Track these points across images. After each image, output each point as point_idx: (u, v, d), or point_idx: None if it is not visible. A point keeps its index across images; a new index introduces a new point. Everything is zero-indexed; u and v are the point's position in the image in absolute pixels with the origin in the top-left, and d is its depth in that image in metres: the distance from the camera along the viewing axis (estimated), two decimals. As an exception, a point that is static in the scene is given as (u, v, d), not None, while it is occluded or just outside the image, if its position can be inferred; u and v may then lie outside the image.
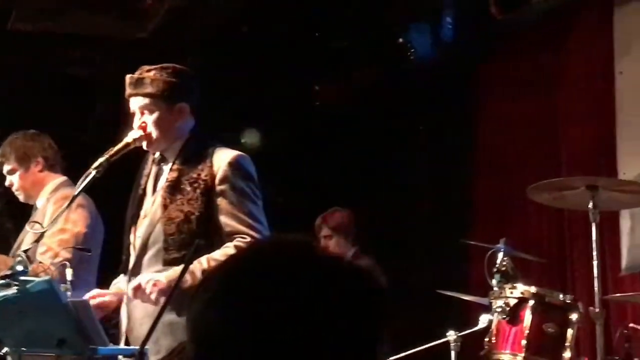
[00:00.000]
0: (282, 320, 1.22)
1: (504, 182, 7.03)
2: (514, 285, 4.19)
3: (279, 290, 1.24)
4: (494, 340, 4.11)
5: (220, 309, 1.24)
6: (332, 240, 5.86)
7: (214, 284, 1.28)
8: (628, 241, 6.15)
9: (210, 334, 1.23)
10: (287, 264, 1.27)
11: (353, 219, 5.98)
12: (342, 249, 5.86)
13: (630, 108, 6.29)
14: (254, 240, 3.13)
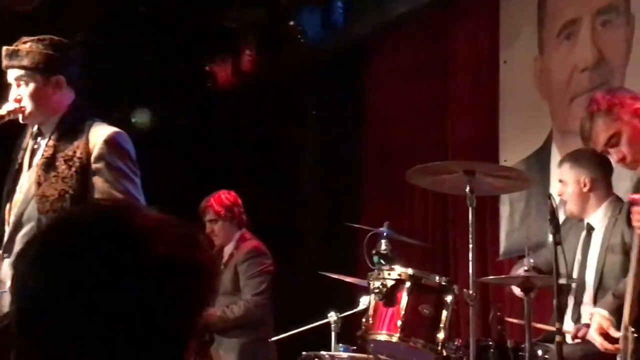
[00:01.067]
0: (90, 284, 1.22)
1: (391, 167, 7.13)
2: (391, 267, 4.24)
3: (89, 253, 1.24)
4: (370, 320, 4.15)
5: (38, 271, 1.24)
6: (218, 223, 5.80)
7: (37, 243, 1.28)
8: (506, 227, 6.31)
9: (30, 295, 1.23)
10: (98, 228, 1.28)
11: (239, 201, 5.92)
12: (228, 232, 5.82)
13: (512, 97, 6.46)
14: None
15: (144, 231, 1.29)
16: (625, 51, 5.63)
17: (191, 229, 1.35)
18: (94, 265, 1.23)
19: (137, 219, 1.31)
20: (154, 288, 1.24)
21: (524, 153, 6.25)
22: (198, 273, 1.29)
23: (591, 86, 5.81)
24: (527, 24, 6.37)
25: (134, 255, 1.25)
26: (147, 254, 1.26)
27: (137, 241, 1.27)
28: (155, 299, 1.24)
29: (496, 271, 6.05)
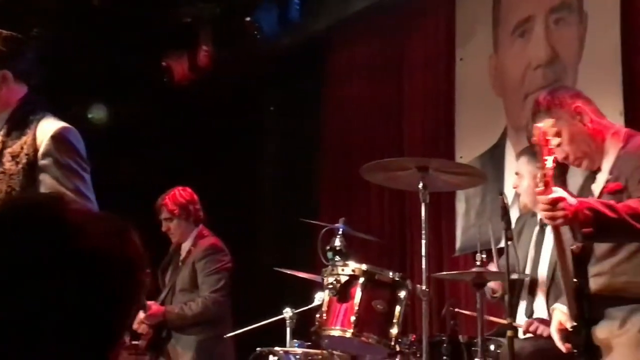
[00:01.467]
0: (9, 276, 1.22)
1: (349, 163, 7.13)
2: (345, 263, 4.25)
3: (14, 245, 1.24)
4: (324, 316, 4.15)
5: None
6: (173, 222, 5.77)
7: None
8: (462, 223, 6.35)
9: None
10: (26, 221, 1.28)
11: (195, 198, 5.89)
12: (184, 229, 5.79)
13: (468, 94, 6.50)
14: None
15: (72, 225, 1.28)
16: (578, 49, 5.68)
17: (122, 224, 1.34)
18: (16, 257, 1.23)
19: (66, 212, 1.31)
20: (78, 281, 1.24)
21: (480, 149, 6.29)
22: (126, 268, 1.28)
23: (545, 83, 5.85)
24: (483, 22, 6.41)
25: (59, 249, 1.25)
26: (73, 248, 1.26)
27: (64, 235, 1.27)
28: (78, 293, 1.23)
29: (452, 267, 6.10)
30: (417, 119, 6.94)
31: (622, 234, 3.15)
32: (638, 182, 3.20)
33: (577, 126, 3.40)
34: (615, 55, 5.37)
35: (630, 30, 5.40)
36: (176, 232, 5.78)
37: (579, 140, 3.40)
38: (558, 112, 3.41)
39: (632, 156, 3.26)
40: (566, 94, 3.50)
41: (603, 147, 3.38)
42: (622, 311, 3.22)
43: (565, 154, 3.43)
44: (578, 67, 5.67)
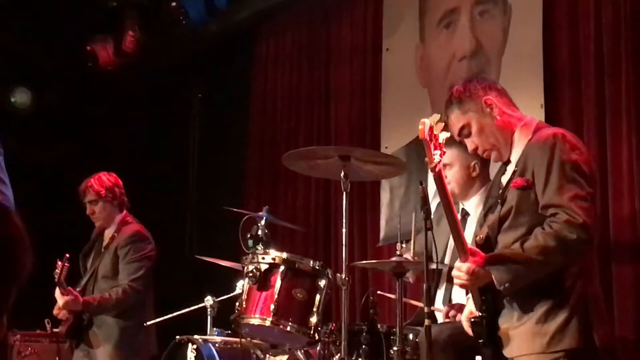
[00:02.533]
0: None
1: (276, 152, 7.11)
2: (266, 251, 4.24)
3: None
4: (244, 305, 4.14)
5: None
6: (98, 204, 5.71)
7: None
8: (386, 213, 6.38)
9: None
10: None
11: (120, 183, 5.84)
12: (109, 213, 5.74)
13: (394, 84, 6.52)
14: None
15: None
16: (502, 41, 5.73)
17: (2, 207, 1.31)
18: None
19: None
20: None
21: (405, 140, 6.31)
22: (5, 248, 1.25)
23: (469, 75, 5.87)
24: (409, 12, 6.43)
25: None
26: None
27: None
28: None
29: (377, 257, 6.11)
30: (344, 108, 6.94)
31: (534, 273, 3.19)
32: (544, 186, 3.20)
33: (486, 118, 3.42)
34: (537, 47, 5.43)
35: (551, 23, 5.46)
36: (100, 215, 5.73)
37: (487, 133, 3.43)
38: (468, 103, 3.45)
39: (536, 149, 3.27)
40: (479, 85, 3.51)
41: (512, 139, 3.40)
42: (521, 303, 3.25)
43: (475, 146, 3.47)
44: (501, 59, 5.73)
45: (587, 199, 3.15)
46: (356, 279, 6.34)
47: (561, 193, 3.13)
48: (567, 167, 3.17)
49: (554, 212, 3.13)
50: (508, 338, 3.27)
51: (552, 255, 3.11)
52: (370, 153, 4.41)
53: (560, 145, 3.21)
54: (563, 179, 3.15)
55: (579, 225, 3.08)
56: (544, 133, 3.32)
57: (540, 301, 3.19)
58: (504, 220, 3.32)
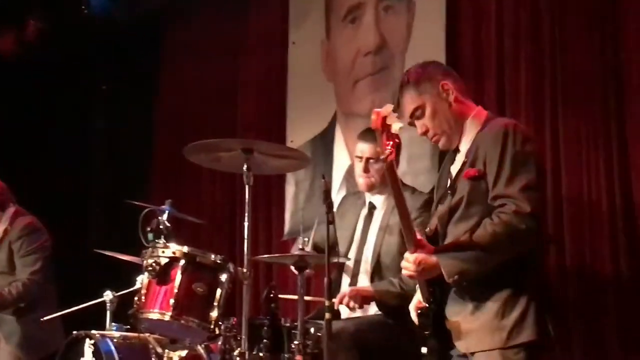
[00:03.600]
0: None
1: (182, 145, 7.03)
2: (166, 245, 4.18)
3: None
4: (143, 299, 4.08)
5: None
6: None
7: None
8: (291, 207, 6.38)
9: None
10: None
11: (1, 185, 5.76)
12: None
13: (300, 78, 6.52)
14: None
15: None
16: (406, 36, 5.78)
17: None
18: None
19: None
20: None
21: (310, 134, 6.33)
22: None
23: (373, 70, 5.95)
24: (316, 7, 6.44)
25: None
26: None
27: None
28: None
29: (282, 251, 6.11)
30: (251, 101, 6.92)
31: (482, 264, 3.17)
32: (495, 176, 3.18)
33: (442, 103, 3.38)
34: (440, 43, 5.49)
35: (454, 20, 5.54)
36: None
37: (440, 117, 3.38)
38: (425, 85, 3.38)
39: (488, 139, 3.25)
40: (437, 69, 3.49)
41: (463, 127, 3.38)
42: (474, 296, 3.22)
43: (425, 129, 3.40)
44: (405, 54, 5.77)
45: (537, 189, 3.14)
46: (260, 274, 6.32)
47: (511, 184, 3.12)
48: (519, 158, 3.16)
49: (502, 202, 3.11)
50: (461, 332, 3.24)
51: (500, 246, 3.09)
52: (273, 147, 4.38)
53: (513, 136, 3.19)
54: (514, 169, 3.14)
55: (527, 215, 3.06)
56: (497, 123, 3.30)
57: (494, 294, 3.17)
58: (454, 211, 3.30)
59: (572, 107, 4.86)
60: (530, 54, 5.09)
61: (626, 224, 4.57)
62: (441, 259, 3.19)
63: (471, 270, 3.15)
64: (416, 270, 3.23)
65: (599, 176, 4.68)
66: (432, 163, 5.37)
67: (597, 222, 4.68)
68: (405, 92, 3.41)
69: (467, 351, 3.23)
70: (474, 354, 3.20)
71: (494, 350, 3.14)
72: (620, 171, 4.62)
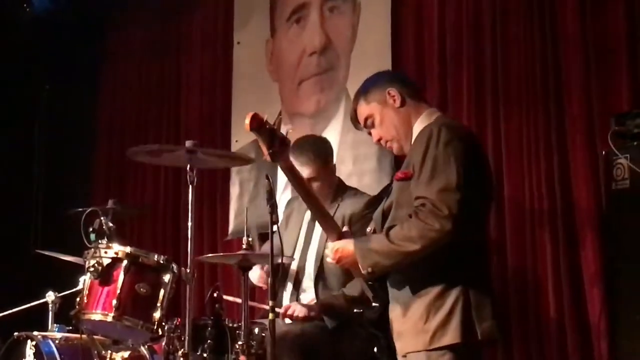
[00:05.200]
0: None
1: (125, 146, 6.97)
2: (109, 245, 4.15)
3: None
4: (85, 300, 4.04)
5: None
6: None
7: None
8: (235, 207, 6.36)
9: None
10: None
11: None
12: None
13: (245, 78, 6.52)
14: None
15: None
16: (351, 37, 5.81)
17: None
18: None
19: None
20: None
21: (255, 134, 6.30)
22: None
23: (319, 70, 5.96)
24: (260, 6, 6.44)
25: None
26: None
27: None
28: None
29: (227, 251, 6.08)
30: (195, 101, 6.89)
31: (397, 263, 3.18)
32: (417, 178, 3.17)
33: (388, 109, 3.37)
34: (385, 45, 5.53)
35: (399, 20, 5.58)
36: None
37: (388, 124, 3.37)
38: (373, 94, 3.39)
39: (417, 142, 3.25)
40: (384, 77, 3.50)
41: (411, 131, 3.36)
42: (403, 298, 3.23)
43: (378, 137, 3.40)
44: (351, 55, 5.79)
45: (456, 191, 3.10)
46: (205, 274, 6.29)
47: (430, 185, 3.11)
48: (439, 159, 3.14)
49: (421, 202, 3.11)
50: (395, 332, 3.26)
51: (411, 243, 3.08)
52: (217, 152, 4.37)
53: (436, 137, 3.17)
54: (433, 171, 3.13)
55: (442, 217, 3.05)
56: (426, 125, 3.30)
57: (421, 296, 3.16)
58: (387, 213, 3.30)
59: (514, 107, 4.92)
60: (472, 54, 5.15)
61: (565, 224, 4.64)
62: (357, 250, 3.22)
63: (384, 265, 3.16)
64: (335, 258, 3.30)
65: (540, 176, 4.75)
66: (378, 164, 5.40)
67: (538, 222, 4.74)
68: (358, 103, 3.43)
69: (401, 352, 3.25)
70: (407, 355, 3.21)
71: (421, 352, 3.14)
72: (561, 171, 4.69)
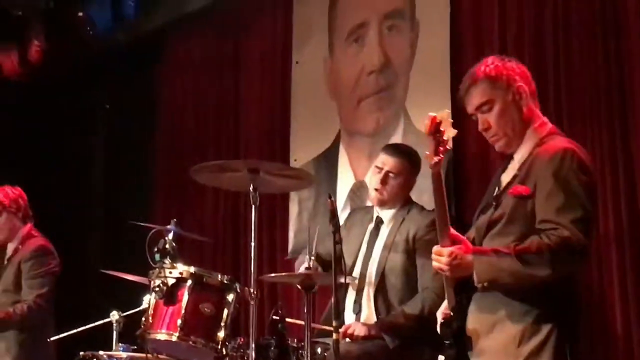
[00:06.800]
0: None
1: (183, 163, 7.03)
2: (173, 265, 4.18)
3: None
4: (150, 320, 4.08)
5: None
6: (2, 216, 5.63)
7: None
8: (295, 225, 6.37)
9: None
10: None
11: (25, 196, 5.76)
12: (13, 225, 5.66)
13: (304, 97, 6.53)
14: None
15: None
16: (410, 55, 5.79)
17: None
18: None
19: None
20: None
21: (314, 152, 6.33)
22: None
23: (377, 89, 5.96)
24: (319, 26, 6.45)
25: None
26: None
27: None
28: None
29: (286, 270, 6.10)
30: (253, 120, 6.92)
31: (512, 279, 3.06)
32: (545, 201, 3.07)
33: (512, 105, 3.25)
34: (444, 62, 5.50)
35: (458, 39, 5.55)
36: (4, 227, 5.65)
37: (507, 118, 3.25)
38: (501, 82, 3.26)
39: (544, 160, 3.14)
40: (516, 69, 3.33)
41: (524, 134, 3.26)
42: (497, 312, 3.13)
43: (487, 125, 3.27)
44: (410, 73, 5.78)
45: (587, 222, 3.02)
46: (265, 293, 6.31)
47: (562, 213, 3.00)
48: (572, 187, 3.04)
49: (554, 227, 3.00)
50: (477, 345, 3.13)
51: (542, 266, 2.97)
52: (278, 166, 4.39)
53: (569, 163, 3.07)
54: (567, 199, 3.02)
55: (579, 246, 2.97)
56: (555, 144, 3.17)
57: (517, 316, 3.07)
58: (493, 224, 3.19)
59: (577, 123, 4.86)
60: (534, 70, 5.08)
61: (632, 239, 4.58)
62: (476, 261, 3.07)
63: (504, 281, 3.04)
64: (449, 264, 3.09)
65: (606, 192, 4.68)
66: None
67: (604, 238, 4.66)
68: (479, 83, 3.26)
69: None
70: None
71: None
72: (627, 187, 4.63)
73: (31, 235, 5.70)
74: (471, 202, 5.20)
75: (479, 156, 5.26)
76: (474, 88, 3.29)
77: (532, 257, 2.99)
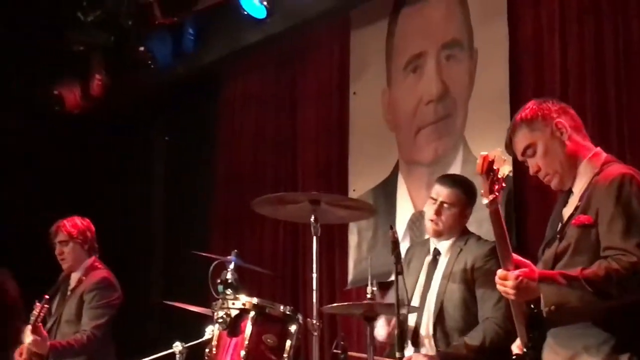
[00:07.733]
0: None
1: (242, 195, 7.09)
2: (236, 296, 4.21)
3: None
4: (214, 350, 4.11)
5: None
6: (68, 245, 5.71)
7: None
8: (354, 256, 6.36)
9: None
10: None
11: (92, 228, 5.85)
12: (78, 256, 5.73)
13: (361, 128, 6.54)
14: None
15: None
16: (468, 84, 5.78)
17: None
18: None
19: None
20: None
21: (372, 183, 6.33)
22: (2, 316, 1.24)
23: (436, 118, 5.95)
24: (376, 57, 6.47)
25: None
26: None
27: None
28: None
29: (345, 300, 6.08)
30: (311, 151, 6.94)
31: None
32: (607, 227, 3.06)
33: (555, 142, 3.28)
34: (503, 91, 5.49)
35: (517, 67, 5.53)
36: (69, 257, 5.72)
37: (552, 157, 3.28)
38: (539, 123, 3.29)
39: (603, 188, 3.14)
40: (552, 107, 3.36)
41: (577, 168, 3.27)
42: (572, 346, 3.11)
43: (537, 168, 3.30)
44: (468, 102, 5.77)
45: None
46: (324, 323, 6.30)
47: (626, 238, 3.00)
48: (634, 211, 3.04)
49: (619, 253, 2.99)
50: None
51: (610, 290, 2.96)
52: (339, 198, 4.42)
53: (628, 188, 3.08)
54: (629, 224, 3.02)
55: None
56: (613, 171, 3.18)
57: (593, 349, 3.05)
58: (560, 257, 3.19)
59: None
60: (596, 99, 5.06)
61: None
62: (543, 284, 3.05)
63: (571, 305, 3.02)
64: (515, 287, 3.07)
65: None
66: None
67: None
68: (518, 129, 3.32)
69: None
70: None
71: None
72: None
73: (95, 267, 5.76)
74: (532, 233, 5.17)
75: (538, 187, 5.22)
76: (515, 135, 3.35)
77: (600, 281, 2.98)
